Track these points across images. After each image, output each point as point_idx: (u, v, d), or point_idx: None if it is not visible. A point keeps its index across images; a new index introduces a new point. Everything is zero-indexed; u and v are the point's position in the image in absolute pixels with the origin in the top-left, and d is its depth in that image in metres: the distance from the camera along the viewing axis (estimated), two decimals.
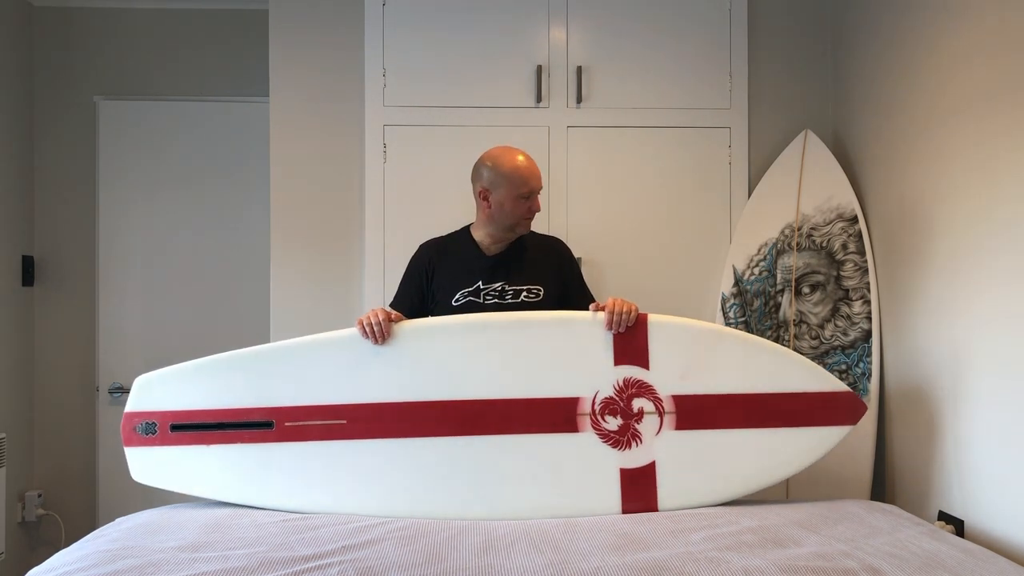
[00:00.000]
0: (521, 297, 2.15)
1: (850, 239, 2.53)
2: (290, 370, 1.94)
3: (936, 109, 2.17)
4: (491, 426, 1.92)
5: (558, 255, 2.27)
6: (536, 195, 2.14)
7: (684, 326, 1.98)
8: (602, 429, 1.93)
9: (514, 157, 2.13)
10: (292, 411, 1.92)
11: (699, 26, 2.74)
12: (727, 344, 1.97)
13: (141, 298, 3.21)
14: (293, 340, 1.98)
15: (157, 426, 1.93)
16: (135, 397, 1.95)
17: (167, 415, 1.93)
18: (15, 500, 3.08)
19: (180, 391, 1.94)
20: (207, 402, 1.93)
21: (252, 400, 1.92)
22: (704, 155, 2.74)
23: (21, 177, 3.13)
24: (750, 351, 1.97)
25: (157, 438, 1.92)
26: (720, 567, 1.48)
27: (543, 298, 2.16)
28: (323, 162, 2.76)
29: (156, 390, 1.95)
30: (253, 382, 1.93)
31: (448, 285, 2.17)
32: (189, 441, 1.92)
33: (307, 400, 1.92)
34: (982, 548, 1.64)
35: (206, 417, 1.92)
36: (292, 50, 2.75)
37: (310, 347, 1.96)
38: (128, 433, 1.94)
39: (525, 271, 2.18)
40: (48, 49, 3.21)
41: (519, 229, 2.18)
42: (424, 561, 1.53)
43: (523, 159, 2.14)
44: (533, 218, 2.18)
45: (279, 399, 1.92)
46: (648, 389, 1.94)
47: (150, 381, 1.96)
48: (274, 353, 1.96)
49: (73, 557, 1.57)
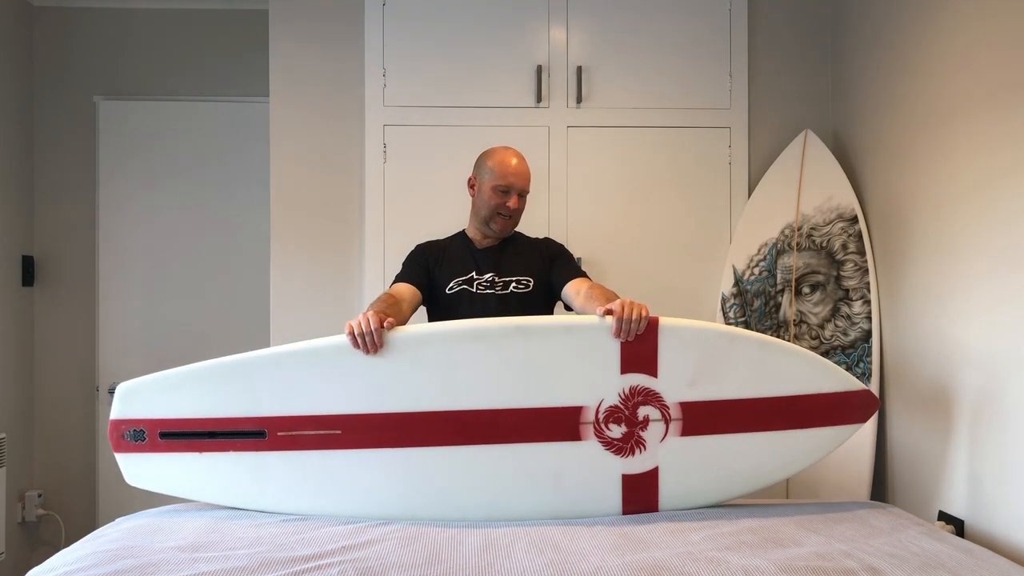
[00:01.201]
0: (511, 288, 2.16)
1: (850, 239, 2.53)
2: (282, 378, 1.85)
3: (936, 109, 2.17)
4: (490, 436, 1.85)
5: (546, 248, 2.27)
6: (515, 194, 2.15)
7: (697, 330, 1.87)
8: (605, 437, 1.86)
9: (505, 152, 2.18)
10: (285, 420, 1.84)
11: (699, 26, 2.74)
12: (740, 347, 1.87)
13: (141, 298, 3.21)
14: (284, 347, 1.88)
15: (146, 433, 1.86)
16: (119, 404, 1.88)
17: (155, 423, 1.86)
18: (15, 500, 3.08)
19: (167, 398, 1.86)
20: (197, 410, 1.85)
21: (244, 409, 1.84)
22: (704, 155, 2.74)
23: (21, 177, 3.14)
24: (765, 353, 1.87)
25: (147, 444, 1.86)
26: (720, 567, 1.48)
27: (532, 289, 2.17)
28: (323, 162, 2.77)
29: (141, 397, 1.87)
30: (244, 390, 1.84)
31: (444, 275, 2.19)
32: (180, 448, 1.86)
33: (301, 409, 1.84)
34: (982, 548, 1.64)
35: (196, 426, 1.85)
36: (292, 50, 2.75)
37: (302, 354, 1.86)
38: (116, 440, 1.87)
39: (515, 264, 2.19)
40: (48, 49, 3.21)
41: (493, 225, 2.17)
42: (424, 561, 1.53)
43: (514, 158, 2.17)
44: (511, 219, 2.17)
45: (271, 408, 1.84)
46: (655, 397, 1.86)
47: (133, 388, 1.88)
48: (265, 360, 1.86)
49: (73, 557, 1.57)
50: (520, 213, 2.19)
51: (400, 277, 2.18)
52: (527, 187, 2.18)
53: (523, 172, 2.17)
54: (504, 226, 2.18)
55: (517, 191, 2.16)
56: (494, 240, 2.23)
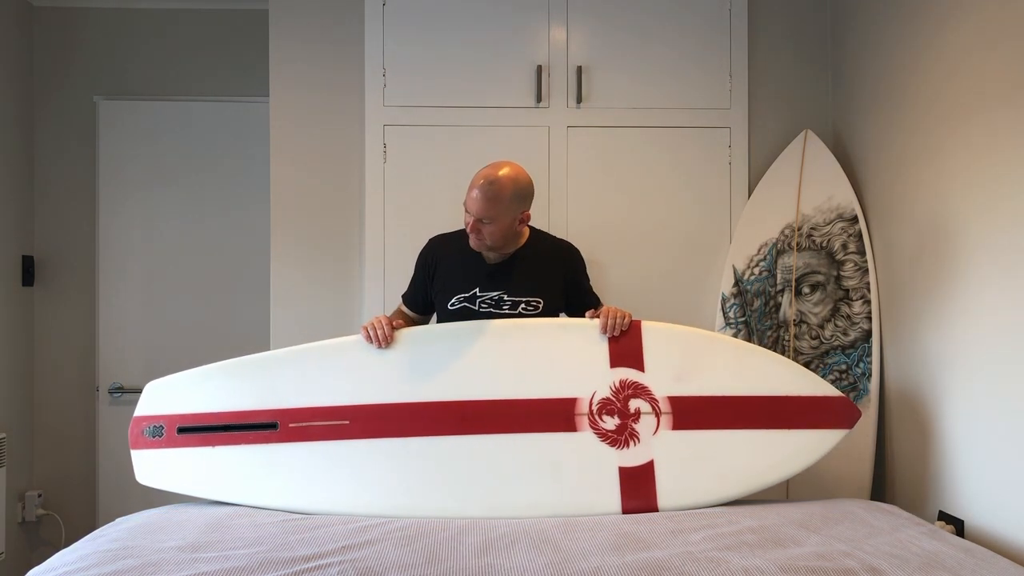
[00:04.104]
0: (519, 309, 2.12)
1: (850, 239, 2.53)
2: (294, 373, 1.98)
3: (936, 108, 2.17)
4: (491, 425, 1.95)
5: (563, 263, 2.20)
6: (473, 220, 2.01)
7: (676, 331, 2.04)
8: (600, 428, 1.96)
9: (480, 176, 2.01)
10: (296, 412, 1.95)
11: (699, 26, 2.74)
12: (719, 348, 2.03)
13: (141, 298, 3.21)
14: (298, 346, 2.03)
15: (164, 428, 1.96)
16: (145, 401, 1.99)
17: (174, 418, 1.97)
18: (15, 500, 3.08)
19: (188, 395, 1.98)
20: (213, 405, 1.97)
21: (257, 402, 1.96)
22: (704, 155, 2.74)
23: (21, 177, 3.13)
24: (741, 355, 2.02)
25: (164, 440, 1.96)
26: (720, 567, 1.48)
27: (542, 311, 2.13)
28: (323, 162, 2.77)
29: (166, 395, 1.99)
30: (258, 385, 1.98)
31: (446, 288, 2.16)
32: (195, 443, 1.95)
33: (311, 402, 1.96)
34: (982, 548, 1.64)
35: (212, 420, 1.96)
36: (292, 50, 2.75)
37: (315, 352, 2.01)
38: (135, 436, 1.97)
39: (527, 281, 2.12)
40: (48, 49, 3.21)
41: (472, 242, 2.07)
42: (424, 561, 1.53)
43: (483, 181, 1.99)
44: (478, 241, 2.05)
45: (283, 401, 1.96)
46: (644, 390, 1.98)
47: (161, 386, 2.00)
48: (280, 358, 2.01)
49: (73, 557, 1.57)
50: (492, 239, 2.04)
51: (405, 298, 2.28)
52: (485, 216, 1.99)
53: (485, 197, 1.97)
54: (474, 244, 2.07)
55: (475, 216, 2.01)
56: (498, 255, 2.13)
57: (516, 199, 2.02)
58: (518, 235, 2.13)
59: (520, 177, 2.04)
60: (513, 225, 2.06)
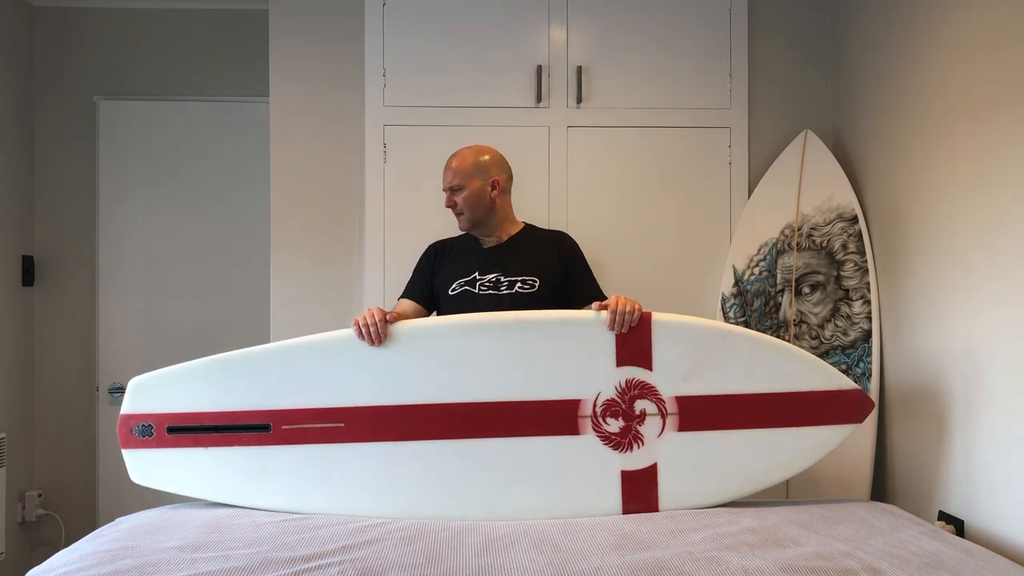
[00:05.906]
0: (516, 288, 2.14)
1: (850, 239, 2.53)
2: (287, 372, 1.90)
3: (936, 108, 2.17)
4: (490, 429, 1.89)
5: (558, 246, 2.26)
6: (447, 191, 2.18)
7: (689, 325, 1.93)
8: (603, 431, 1.89)
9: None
10: (289, 414, 1.89)
11: (699, 26, 2.74)
12: (732, 342, 1.92)
13: (141, 298, 3.21)
14: (289, 341, 1.94)
15: (153, 428, 1.91)
16: (130, 399, 1.92)
17: (163, 417, 1.90)
18: (15, 500, 3.08)
19: (176, 393, 1.91)
20: (203, 404, 1.90)
21: (249, 403, 1.89)
22: (704, 155, 2.74)
23: (21, 177, 3.13)
24: (756, 349, 1.92)
25: (154, 440, 1.90)
26: (720, 567, 1.48)
27: (538, 289, 2.14)
28: (323, 162, 2.76)
29: (152, 392, 1.92)
30: (250, 384, 1.90)
31: (447, 276, 2.20)
32: (186, 443, 1.90)
33: (304, 403, 1.89)
34: (982, 548, 1.64)
35: (203, 420, 1.89)
36: (292, 50, 2.75)
37: (306, 348, 1.92)
38: (125, 435, 1.92)
39: (521, 263, 2.18)
40: (48, 49, 3.21)
41: (460, 224, 2.22)
42: (424, 561, 1.53)
43: (450, 156, 2.21)
44: (461, 215, 2.19)
45: (276, 402, 1.89)
46: (651, 390, 1.90)
47: (145, 383, 1.93)
48: (270, 355, 1.92)
49: (73, 557, 1.57)
50: (467, 207, 2.17)
51: (405, 292, 2.26)
52: (454, 182, 2.17)
53: (447, 171, 2.19)
54: (461, 224, 2.22)
55: (448, 189, 2.18)
56: (497, 240, 2.23)
57: (479, 166, 2.18)
58: (493, 205, 2.20)
59: (483, 149, 2.22)
60: (484, 192, 2.17)
